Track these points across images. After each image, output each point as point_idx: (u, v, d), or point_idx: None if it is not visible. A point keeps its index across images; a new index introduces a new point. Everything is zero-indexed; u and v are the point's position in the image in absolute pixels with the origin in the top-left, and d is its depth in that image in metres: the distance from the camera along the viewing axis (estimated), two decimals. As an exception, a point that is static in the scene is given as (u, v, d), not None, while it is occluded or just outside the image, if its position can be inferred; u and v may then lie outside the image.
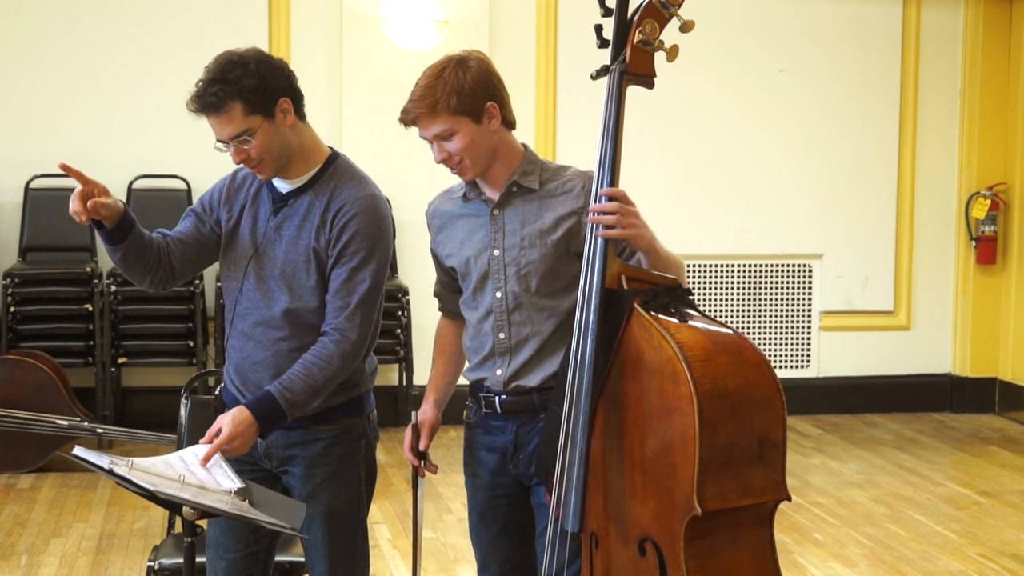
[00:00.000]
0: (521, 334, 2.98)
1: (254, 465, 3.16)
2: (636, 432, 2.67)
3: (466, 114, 2.88)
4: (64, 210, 3.01)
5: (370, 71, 7.31)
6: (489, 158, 2.95)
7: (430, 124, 2.90)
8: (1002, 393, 8.20)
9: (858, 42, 7.94)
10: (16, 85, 7.15)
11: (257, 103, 2.95)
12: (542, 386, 2.97)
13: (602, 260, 2.72)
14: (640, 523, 2.67)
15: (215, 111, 2.93)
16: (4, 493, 6.09)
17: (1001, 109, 8.08)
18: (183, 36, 7.17)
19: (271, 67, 2.99)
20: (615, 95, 2.80)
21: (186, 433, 3.83)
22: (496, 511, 3.09)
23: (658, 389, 2.61)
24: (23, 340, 6.83)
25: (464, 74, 2.88)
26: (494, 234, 2.99)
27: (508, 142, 2.99)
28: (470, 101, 2.87)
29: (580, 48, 7.67)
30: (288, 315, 3.07)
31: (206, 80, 2.94)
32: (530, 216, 2.96)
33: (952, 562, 5.29)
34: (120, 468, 2.65)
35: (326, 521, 3.13)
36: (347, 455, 3.15)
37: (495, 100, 2.92)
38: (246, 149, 2.98)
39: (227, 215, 3.15)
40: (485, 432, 3.07)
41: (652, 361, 2.63)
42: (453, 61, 2.92)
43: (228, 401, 3.20)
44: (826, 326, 8.06)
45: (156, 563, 3.65)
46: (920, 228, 8.16)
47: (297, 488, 3.15)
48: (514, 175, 2.98)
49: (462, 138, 2.89)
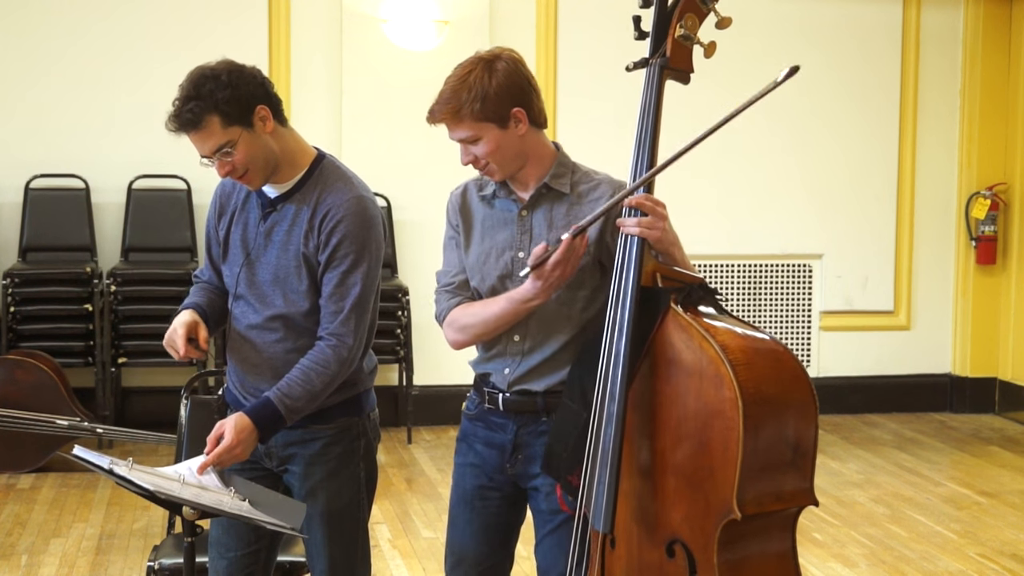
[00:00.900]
0: (536, 339, 2.94)
1: (255, 464, 3.17)
2: (668, 433, 2.65)
3: (491, 120, 2.83)
4: (64, 210, 3.04)
5: (370, 71, 7.31)
6: (517, 161, 2.91)
7: (455, 128, 2.86)
8: (1002, 393, 8.20)
9: (858, 42, 7.94)
10: (16, 85, 7.15)
11: (234, 114, 2.93)
12: (547, 391, 2.95)
13: (639, 257, 2.69)
14: (670, 525, 2.66)
15: (194, 127, 2.92)
16: (4, 493, 6.09)
17: (1001, 109, 8.08)
18: (183, 36, 7.17)
19: (243, 76, 2.97)
20: (655, 88, 2.78)
21: (186, 433, 3.83)
22: (485, 503, 3.04)
23: (697, 391, 2.60)
24: (23, 340, 6.83)
25: (490, 78, 2.81)
26: (520, 235, 2.95)
27: (538, 144, 2.93)
28: (495, 107, 2.81)
29: (580, 48, 7.73)
30: (282, 319, 3.08)
31: (181, 98, 2.93)
32: (558, 220, 2.92)
33: (952, 562, 5.29)
34: (120, 468, 2.66)
35: (325, 520, 3.14)
36: (346, 454, 3.15)
37: (522, 104, 2.85)
38: (230, 161, 2.97)
39: (222, 224, 3.18)
40: (486, 427, 3.03)
41: (691, 362, 2.61)
42: (481, 63, 2.84)
43: (230, 401, 3.22)
44: (826, 326, 8.06)
45: (156, 563, 3.65)
46: (920, 228, 8.17)
47: (296, 487, 3.15)
48: (545, 177, 2.93)
49: (487, 143, 2.85)
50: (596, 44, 7.61)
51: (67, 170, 7.11)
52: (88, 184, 7.10)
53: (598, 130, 7.35)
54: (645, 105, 2.79)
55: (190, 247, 7.20)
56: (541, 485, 2.98)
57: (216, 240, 3.20)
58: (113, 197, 7.19)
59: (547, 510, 2.98)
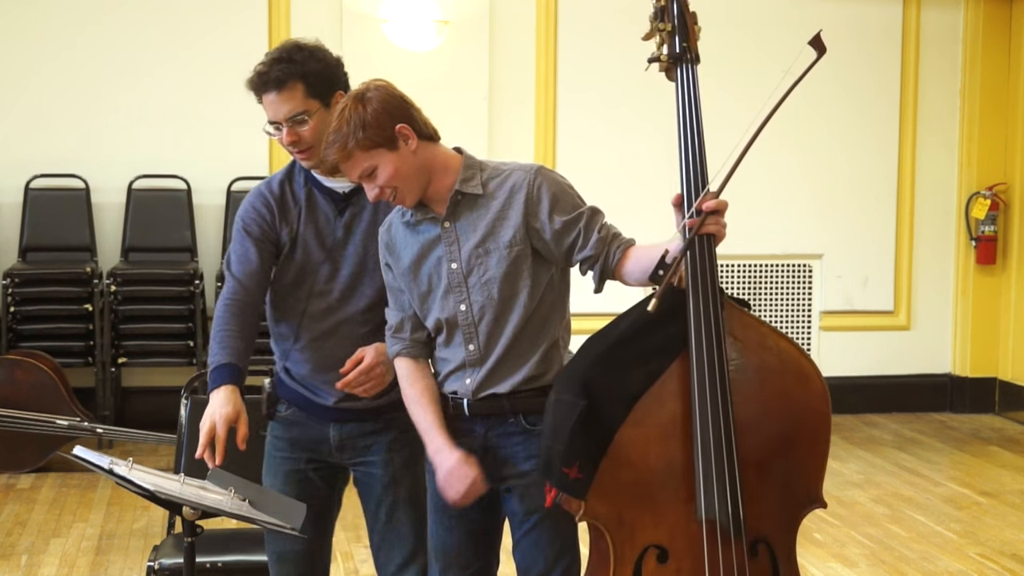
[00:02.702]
0: (490, 343, 2.91)
1: (318, 460, 3.22)
2: (750, 434, 2.66)
3: (379, 145, 2.81)
4: (64, 210, 3.04)
5: (370, 71, 7.24)
6: (421, 179, 2.87)
7: (349, 167, 2.83)
8: (1002, 393, 8.20)
9: (858, 42, 7.94)
10: (16, 85, 7.15)
11: (318, 89, 3.04)
12: (513, 392, 2.91)
13: (714, 255, 2.73)
14: (755, 525, 2.66)
15: (277, 88, 2.99)
16: (4, 493, 6.09)
17: (1001, 109, 8.08)
18: (183, 36, 7.17)
19: (331, 58, 3.12)
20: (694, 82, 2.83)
21: (186, 433, 3.83)
22: (464, 509, 2.97)
23: (780, 388, 2.65)
24: (23, 340, 6.83)
25: (364, 107, 2.81)
26: (448, 247, 2.91)
27: (437, 155, 2.90)
28: (377, 130, 2.80)
29: (580, 48, 7.72)
30: (372, 310, 3.11)
31: (271, 59, 3.01)
32: (479, 222, 2.89)
33: (952, 562, 5.29)
34: (120, 468, 2.65)
35: (411, 506, 3.19)
36: (419, 440, 3.15)
37: (404, 120, 2.84)
38: (300, 131, 3.02)
39: (287, 228, 3.14)
40: (453, 433, 2.96)
41: (769, 361, 2.67)
42: (351, 99, 2.85)
43: (284, 395, 3.24)
44: (826, 326, 8.06)
45: (156, 563, 3.65)
46: (920, 228, 8.17)
47: (378, 475, 3.20)
48: (455, 185, 2.90)
49: (385, 169, 2.82)
50: (596, 44, 7.61)
51: (67, 170, 7.11)
52: (88, 184, 7.10)
53: (598, 130, 7.35)
54: (687, 101, 2.81)
55: (190, 247, 7.20)
56: (515, 486, 2.95)
57: (268, 244, 3.13)
58: (113, 197, 7.19)
59: (521, 511, 2.95)
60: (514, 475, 2.94)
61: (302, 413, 3.23)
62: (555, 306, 2.95)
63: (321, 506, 3.26)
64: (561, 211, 2.87)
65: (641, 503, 2.70)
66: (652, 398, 2.69)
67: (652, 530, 2.70)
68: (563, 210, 2.87)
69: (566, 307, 3.01)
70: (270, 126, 3.06)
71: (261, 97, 3.04)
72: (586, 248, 2.86)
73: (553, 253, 2.90)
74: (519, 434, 2.93)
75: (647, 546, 2.71)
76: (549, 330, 2.93)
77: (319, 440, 3.22)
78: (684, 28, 2.81)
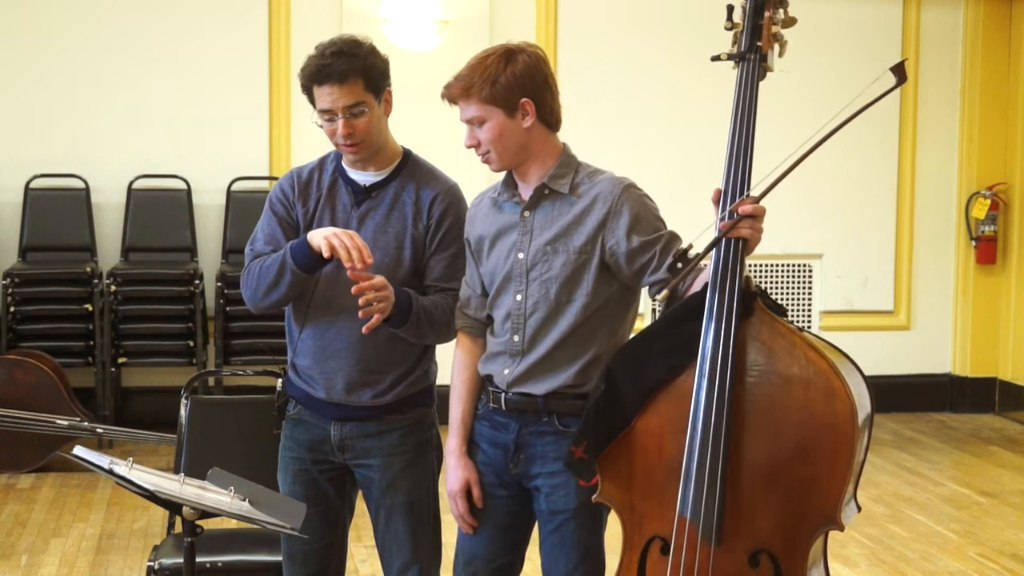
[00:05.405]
0: (534, 340, 2.94)
1: (324, 461, 3.23)
2: (762, 441, 2.62)
3: (499, 105, 2.87)
4: (64, 210, 3.05)
5: (370, 71, 7.30)
6: (519, 154, 2.94)
7: (464, 106, 2.91)
8: (1002, 393, 8.20)
9: (858, 42, 7.93)
10: (16, 85, 7.15)
11: (375, 85, 3.09)
12: (548, 394, 2.94)
13: (743, 259, 2.69)
14: (756, 534, 2.64)
15: (339, 80, 3.03)
16: (4, 493, 6.09)
17: (1001, 109, 8.08)
18: (183, 36, 7.17)
19: (385, 59, 3.16)
20: (754, 85, 2.84)
21: (186, 433, 3.83)
22: (494, 502, 3.04)
23: (802, 401, 2.58)
24: (23, 340, 6.83)
25: (506, 66, 2.87)
26: (521, 237, 2.96)
27: (544, 141, 2.96)
28: (504, 93, 2.86)
29: (580, 48, 7.72)
30: None
31: (332, 52, 3.05)
32: (557, 221, 2.93)
33: (952, 562, 5.29)
34: (120, 468, 2.65)
35: (408, 511, 3.21)
36: (420, 444, 3.23)
37: (533, 97, 2.89)
38: (356, 123, 3.06)
39: (303, 209, 3.21)
40: (491, 426, 3.04)
41: (795, 372, 2.61)
42: (503, 50, 2.91)
43: (294, 394, 3.27)
44: (826, 326, 8.05)
45: (156, 563, 3.65)
46: (920, 228, 8.16)
47: (376, 479, 3.21)
48: (545, 177, 2.95)
49: (491, 128, 2.89)
50: (596, 44, 7.61)
51: (67, 170, 7.11)
52: (88, 184, 7.09)
53: (598, 130, 7.35)
54: (743, 103, 2.81)
55: (190, 247, 7.20)
56: (542, 485, 2.98)
57: (290, 224, 3.21)
58: (113, 197, 7.19)
59: (548, 510, 2.98)
60: (543, 474, 2.97)
61: (306, 411, 3.25)
62: (606, 323, 2.95)
63: (329, 507, 3.28)
64: (640, 231, 2.89)
65: (651, 493, 2.72)
66: (669, 392, 2.70)
67: (658, 521, 2.72)
68: (642, 231, 2.90)
69: (621, 327, 3.00)
70: (321, 117, 3.09)
71: (314, 88, 3.08)
72: (659, 271, 2.88)
73: (623, 271, 2.91)
74: (551, 434, 2.96)
75: (653, 536, 2.73)
76: (595, 344, 2.94)
77: (322, 439, 3.24)
78: (754, 29, 2.80)
